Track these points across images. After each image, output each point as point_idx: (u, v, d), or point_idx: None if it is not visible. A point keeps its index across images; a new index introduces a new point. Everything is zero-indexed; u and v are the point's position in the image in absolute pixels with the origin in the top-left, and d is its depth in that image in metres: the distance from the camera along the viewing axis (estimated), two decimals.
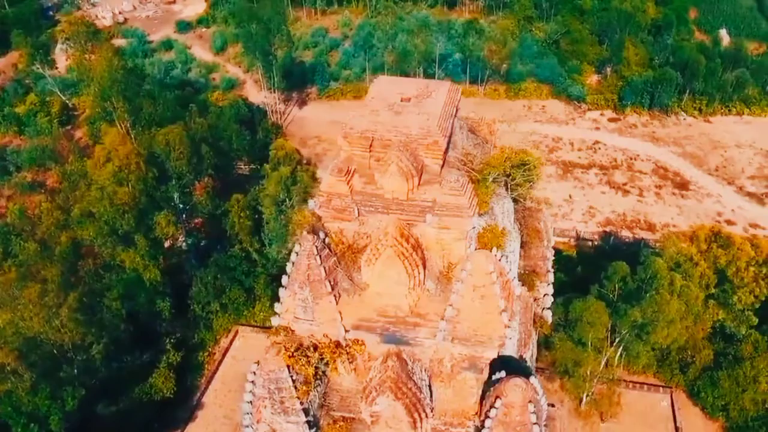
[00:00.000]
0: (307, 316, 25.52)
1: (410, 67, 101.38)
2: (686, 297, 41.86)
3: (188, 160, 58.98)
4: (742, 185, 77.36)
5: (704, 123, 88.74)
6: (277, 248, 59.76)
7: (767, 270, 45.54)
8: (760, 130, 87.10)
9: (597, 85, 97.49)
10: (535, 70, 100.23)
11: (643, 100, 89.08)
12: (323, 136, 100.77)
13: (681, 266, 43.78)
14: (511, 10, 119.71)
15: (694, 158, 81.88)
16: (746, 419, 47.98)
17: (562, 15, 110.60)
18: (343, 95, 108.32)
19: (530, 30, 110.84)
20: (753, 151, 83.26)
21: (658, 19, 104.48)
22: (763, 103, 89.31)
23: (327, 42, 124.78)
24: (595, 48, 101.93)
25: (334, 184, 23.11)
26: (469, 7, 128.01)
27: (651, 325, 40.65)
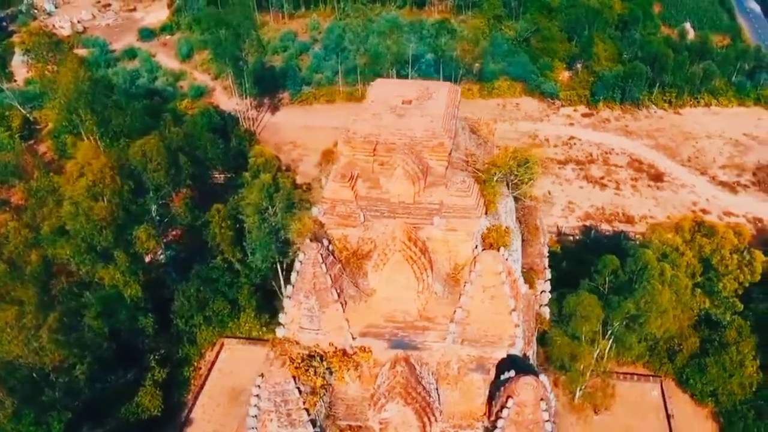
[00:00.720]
0: (314, 326, 25.27)
1: (383, 68, 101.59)
2: (676, 286, 42.97)
3: (166, 171, 57.82)
4: (715, 175, 79.74)
5: (674, 115, 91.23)
6: (262, 257, 58.99)
7: (750, 257, 47.17)
8: (728, 120, 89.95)
9: (569, 81, 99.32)
10: (507, 68, 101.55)
11: (615, 95, 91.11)
12: (298, 141, 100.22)
13: (668, 256, 44.90)
14: (480, 9, 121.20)
15: (667, 150, 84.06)
16: (735, 403, 49.36)
17: (530, 13, 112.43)
18: (316, 99, 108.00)
19: (500, 29, 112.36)
20: (723, 141, 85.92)
21: (624, 15, 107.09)
22: (730, 93, 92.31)
23: (296, 46, 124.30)
24: (565, 45, 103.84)
25: (338, 190, 22.95)
26: (438, 8, 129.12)
27: (644, 316, 41.56)
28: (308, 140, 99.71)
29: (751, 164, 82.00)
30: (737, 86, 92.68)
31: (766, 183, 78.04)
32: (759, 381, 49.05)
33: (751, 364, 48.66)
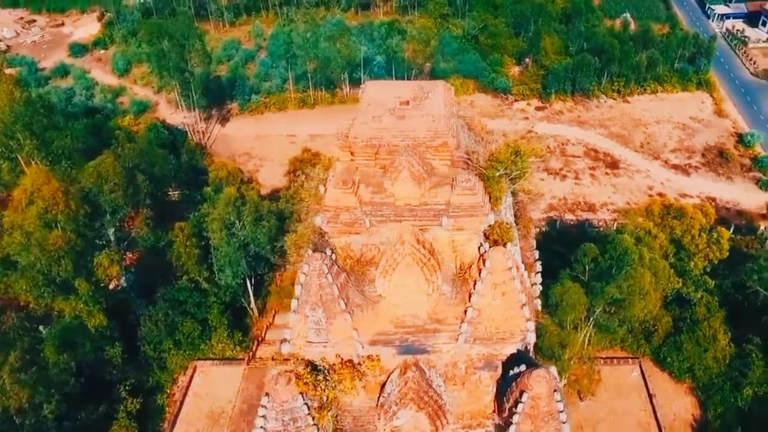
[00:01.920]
0: (321, 339, 24.84)
1: (334, 73, 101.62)
2: (654, 269, 44.74)
3: (124, 191, 55.71)
4: (667, 159, 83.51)
5: (624, 103, 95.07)
6: (232, 273, 57.73)
7: (717, 235, 49.65)
8: (673, 105, 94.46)
9: (519, 76, 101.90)
10: (458, 66, 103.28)
11: (566, 87, 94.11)
12: (252, 152, 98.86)
13: (642, 240, 46.71)
14: (426, 9, 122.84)
15: (620, 138, 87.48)
16: (711, 377, 51.74)
17: (476, 11, 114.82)
18: (267, 108, 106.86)
19: (447, 27, 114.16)
20: (671, 125, 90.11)
21: (567, 9, 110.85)
22: (674, 80, 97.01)
23: (242, 54, 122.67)
24: (513, 41, 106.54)
25: (341, 197, 22.68)
26: (383, 9, 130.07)
27: (628, 300, 43.06)
28: (263, 150, 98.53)
29: (700, 146, 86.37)
30: (680, 72, 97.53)
31: (714, 163, 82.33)
32: (732, 353, 51.55)
33: (723, 338, 51.11)
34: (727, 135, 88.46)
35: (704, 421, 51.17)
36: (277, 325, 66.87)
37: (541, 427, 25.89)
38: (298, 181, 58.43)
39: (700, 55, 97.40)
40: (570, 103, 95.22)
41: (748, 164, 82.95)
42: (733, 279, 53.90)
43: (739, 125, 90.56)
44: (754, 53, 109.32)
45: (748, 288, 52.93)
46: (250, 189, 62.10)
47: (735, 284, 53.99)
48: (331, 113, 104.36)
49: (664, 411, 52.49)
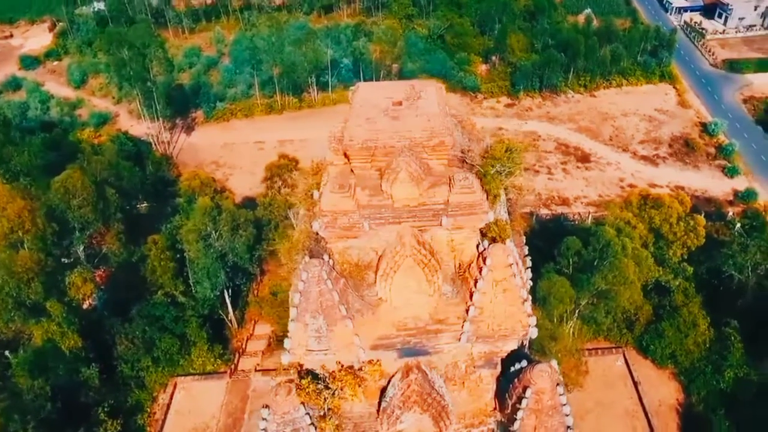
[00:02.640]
0: (322, 347, 24.57)
1: (300, 77, 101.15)
2: (637, 259, 45.83)
3: (94, 206, 54.21)
4: (635, 150, 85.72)
5: (591, 98, 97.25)
6: (211, 285, 56.81)
7: (694, 222, 51.13)
8: (638, 98, 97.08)
9: (487, 74, 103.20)
10: (425, 66, 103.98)
11: (534, 84, 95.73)
12: (221, 160, 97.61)
13: (622, 231, 47.80)
14: (390, 10, 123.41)
15: (589, 131, 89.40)
16: (693, 361, 53.26)
17: (441, 10, 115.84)
18: (233, 115, 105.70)
19: (413, 28, 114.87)
20: (638, 118, 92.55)
21: (530, 6, 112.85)
22: (638, 73, 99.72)
23: (203, 61, 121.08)
24: (479, 39, 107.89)
25: (339, 201, 22.51)
26: (347, 11, 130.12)
27: (614, 290, 43.96)
28: (231, 158, 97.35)
29: (666, 137, 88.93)
30: (643, 66, 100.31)
31: (681, 153, 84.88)
32: (711, 337, 53.15)
33: (702, 323, 52.67)
34: (691, 125, 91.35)
35: (688, 404, 52.63)
36: (257, 336, 66.16)
37: (545, 422, 26.20)
38: (275, 188, 57.83)
39: (662, 48, 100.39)
40: (538, 99, 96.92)
41: (713, 152, 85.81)
42: (709, 265, 55.59)
43: (702, 115, 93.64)
44: (712, 45, 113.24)
45: (723, 273, 54.66)
46: (224, 198, 61.15)
47: (710, 270, 55.71)
48: (300, 118, 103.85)
49: (650, 398, 53.77)
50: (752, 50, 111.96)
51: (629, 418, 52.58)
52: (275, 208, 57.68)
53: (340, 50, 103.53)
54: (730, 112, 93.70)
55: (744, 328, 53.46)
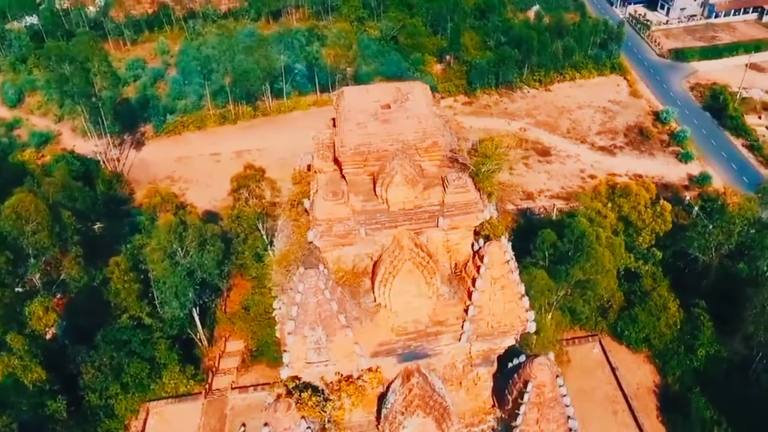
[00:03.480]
0: (322, 358, 24.33)
1: (254, 85, 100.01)
2: (611, 247, 47.29)
3: (49, 231, 52.08)
4: (593, 141, 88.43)
5: (546, 92, 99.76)
6: (180, 304, 55.47)
7: (660, 208, 53.15)
8: (591, 90, 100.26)
9: (442, 73, 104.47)
10: (380, 68, 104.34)
11: (490, 81, 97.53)
12: (175, 175, 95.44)
13: (594, 221, 49.23)
14: (340, 13, 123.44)
15: (547, 125, 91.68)
16: (666, 344, 55.31)
17: (392, 12, 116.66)
18: (185, 127, 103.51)
19: (364, 30, 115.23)
20: (592, 110, 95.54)
21: (480, 4, 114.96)
22: (590, 66, 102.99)
23: (149, 73, 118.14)
24: (432, 39, 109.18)
25: (333, 209, 22.40)
26: (296, 16, 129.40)
27: (592, 279, 45.18)
28: (186, 172, 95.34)
29: (621, 127, 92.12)
30: (594, 58, 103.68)
31: (637, 141, 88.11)
32: (682, 319, 55.31)
33: (672, 305, 54.81)
34: (644, 114, 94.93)
35: (665, 385, 54.63)
36: (230, 353, 65.02)
37: (547, 414, 26.72)
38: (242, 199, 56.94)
39: (611, 41, 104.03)
40: (495, 96, 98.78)
41: (666, 140, 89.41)
42: (674, 248, 57.86)
43: (653, 104, 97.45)
44: (657, 35, 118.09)
45: (689, 255, 57.00)
46: (188, 213, 59.78)
47: (676, 253, 58.00)
48: (255, 127, 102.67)
49: (627, 381, 55.52)
50: (695, 39, 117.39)
51: (610, 403, 54.14)
52: (243, 221, 56.78)
53: (294, 56, 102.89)
54: (678, 100, 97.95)
55: (711, 307, 55.90)
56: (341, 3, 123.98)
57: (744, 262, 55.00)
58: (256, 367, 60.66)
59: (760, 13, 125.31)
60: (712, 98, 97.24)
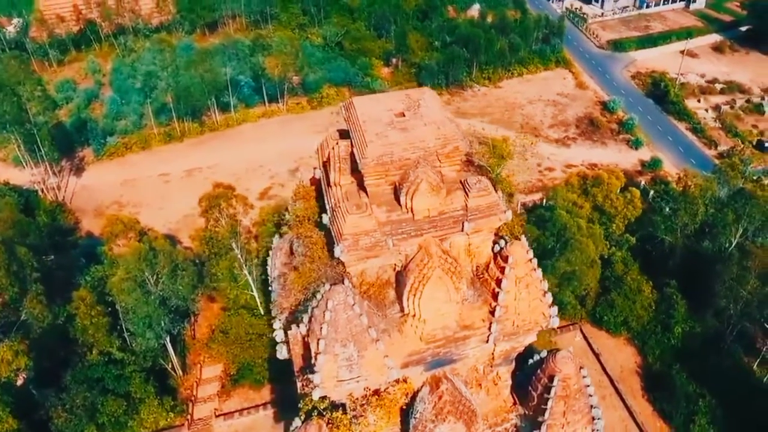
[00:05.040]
0: (353, 375, 24.35)
1: (199, 101, 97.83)
2: (592, 237, 49.10)
3: (6, 270, 49.33)
4: (547, 135, 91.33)
5: (496, 89, 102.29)
6: (155, 335, 53.64)
7: (630, 195, 55.56)
8: (540, 84, 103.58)
9: (391, 76, 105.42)
10: (328, 75, 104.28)
11: (440, 81, 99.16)
12: (123, 199, 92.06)
13: (571, 212, 50.98)
14: (280, 21, 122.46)
15: (501, 122, 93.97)
16: (643, 325, 57.88)
17: (333, 17, 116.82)
18: (129, 149, 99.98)
19: (307, 37, 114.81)
20: (543, 104, 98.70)
21: (421, 5, 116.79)
22: (536, 61, 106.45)
23: (82, 94, 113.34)
24: (377, 42, 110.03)
25: (359, 222, 22.50)
26: (233, 26, 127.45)
27: (579, 270, 46.69)
28: (134, 195, 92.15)
29: (572, 118, 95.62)
30: (539, 53, 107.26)
31: (588, 132, 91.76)
32: (655, 299, 58.00)
33: (646, 288, 57.46)
34: (592, 104, 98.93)
35: (646, 365, 57.10)
36: (207, 380, 63.35)
37: (573, 405, 27.66)
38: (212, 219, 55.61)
39: (553, 35, 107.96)
40: (447, 96, 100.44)
41: (616, 128, 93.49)
42: (642, 233, 60.65)
43: (599, 94, 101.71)
44: (594, 27, 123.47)
45: (655, 238, 59.87)
46: (154, 239, 57.89)
47: (643, 237, 60.78)
48: (203, 143, 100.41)
49: (611, 365, 57.63)
50: (630, 30, 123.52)
51: (597, 388, 55.40)
52: (217, 242, 55.39)
53: (239, 67, 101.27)
54: (622, 89, 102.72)
55: (679, 285, 58.86)
56: (280, 11, 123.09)
57: (708, 240, 58.28)
58: (238, 392, 59.30)
59: (687, 1, 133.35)
60: (653, 85, 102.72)
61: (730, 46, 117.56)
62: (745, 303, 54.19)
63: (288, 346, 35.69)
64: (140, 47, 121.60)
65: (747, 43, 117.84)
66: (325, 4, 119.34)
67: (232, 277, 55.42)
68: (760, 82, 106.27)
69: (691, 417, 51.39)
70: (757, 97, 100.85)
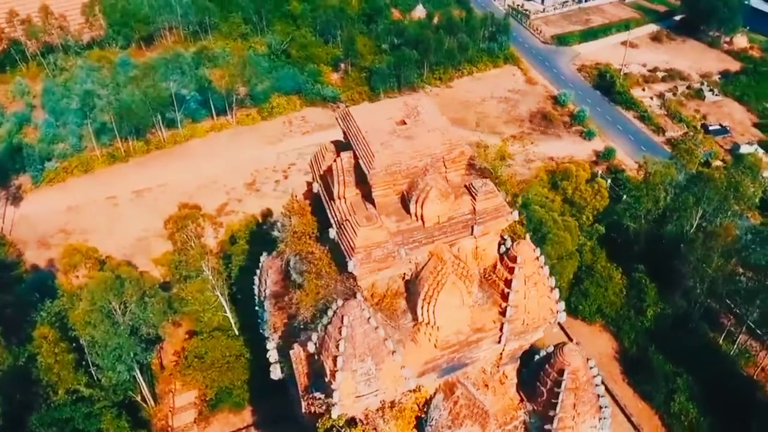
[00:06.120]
0: (372, 389, 24.46)
1: (144, 118, 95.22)
2: (568, 229, 50.68)
3: None
4: (503, 131, 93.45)
5: (448, 89, 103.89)
6: (127, 367, 51.95)
7: (597, 185, 57.63)
8: (490, 82, 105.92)
9: (341, 81, 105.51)
10: (276, 84, 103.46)
11: (392, 84, 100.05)
12: (68, 227, 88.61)
13: (545, 206, 52.45)
14: (220, 31, 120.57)
15: (457, 121, 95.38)
16: (617, 311, 60.15)
17: (276, 25, 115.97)
18: (70, 173, 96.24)
19: (250, 47, 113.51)
20: (495, 101, 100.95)
21: (365, 8, 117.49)
22: (485, 59, 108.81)
23: (11, 119, 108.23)
24: (324, 48, 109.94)
25: (370, 234, 22.68)
26: (170, 39, 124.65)
27: (559, 264, 48.05)
28: (81, 222, 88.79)
29: (525, 114, 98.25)
30: (487, 51, 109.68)
31: (542, 126, 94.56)
32: (626, 285, 60.40)
33: (616, 274, 59.79)
34: (543, 99, 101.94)
35: (623, 350, 59.34)
36: (181, 408, 61.75)
37: (582, 396, 28.63)
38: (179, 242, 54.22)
39: (499, 33, 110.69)
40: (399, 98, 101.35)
41: (568, 121, 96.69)
42: (607, 221, 63.06)
43: (549, 89, 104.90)
44: (537, 23, 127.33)
45: (621, 226, 62.37)
46: (117, 266, 56.03)
47: (608, 225, 63.18)
48: (150, 162, 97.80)
49: (589, 352, 59.06)
50: (571, 24, 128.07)
51: None
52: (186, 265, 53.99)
53: (183, 81, 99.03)
54: (570, 82, 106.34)
55: (647, 270, 61.51)
56: (220, 21, 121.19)
57: (670, 224, 61.17)
58: (218, 417, 58.02)
59: None
60: (599, 77, 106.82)
61: (667, 35, 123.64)
62: (711, 281, 57.24)
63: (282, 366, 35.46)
64: (72, 65, 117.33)
65: (682, 31, 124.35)
66: (267, 12, 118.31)
67: (205, 299, 54.24)
68: (697, 68, 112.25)
69: (670, 395, 53.91)
70: (696, 83, 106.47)
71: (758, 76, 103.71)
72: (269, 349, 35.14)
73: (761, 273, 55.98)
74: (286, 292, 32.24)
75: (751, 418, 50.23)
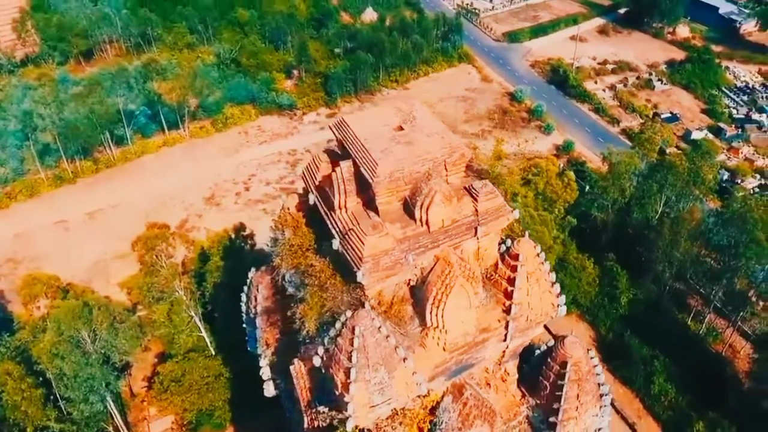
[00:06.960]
0: (385, 397, 24.70)
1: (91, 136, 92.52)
2: (545, 224, 52.07)
3: None
4: (464, 130, 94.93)
5: (405, 91, 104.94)
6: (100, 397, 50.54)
7: (567, 179, 59.47)
8: (447, 82, 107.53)
9: (296, 88, 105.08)
10: (228, 94, 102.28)
11: (348, 88, 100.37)
12: (18, 255, 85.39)
13: (519, 202, 53.76)
14: (164, 42, 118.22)
15: None
16: (591, 300, 62.18)
17: (224, 33, 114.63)
18: (13, 199, 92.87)
19: (197, 57, 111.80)
20: (454, 100, 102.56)
21: (314, 13, 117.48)
22: (439, 59, 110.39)
23: None
24: (276, 55, 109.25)
25: (377, 242, 22.94)
26: (111, 52, 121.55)
27: None
28: (30, 249, 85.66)
29: (483, 111, 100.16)
30: (442, 51, 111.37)
31: (502, 122, 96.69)
32: (598, 274, 62.46)
33: (588, 264, 61.78)
34: (500, 96, 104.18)
35: (601, 337, 61.39)
36: None
37: (585, 387, 29.60)
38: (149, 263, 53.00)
39: (452, 32, 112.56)
40: (357, 102, 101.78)
41: (526, 116, 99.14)
42: (576, 212, 65.13)
43: (505, 85, 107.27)
44: (488, 21, 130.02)
45: (589, 216, 64.53)
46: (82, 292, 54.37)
47: (577, 216, 65.25)
48: (101, 182, 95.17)
49: None
50: (520, 21, 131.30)
51: None
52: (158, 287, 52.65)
53: (131, 96, 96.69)
54: (525, 78, 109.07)
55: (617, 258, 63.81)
56: (163, 32, 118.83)
57: (636, 212, 63.68)
58: None
59: None
60: (552, 72, 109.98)
61: (613, 28, 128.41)
62: (678, 265, 59.88)
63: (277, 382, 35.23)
64: (6, 84, 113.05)
65: (627, 24, 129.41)
66: (213, 21, 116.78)
67: (180, 320, 53.16)
68: (644, 59, 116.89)
69: (649, 378, 56.17)
70: (645, 74, 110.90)
71: (702, 64, 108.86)
72: (262, 366, 34.88)
73: (724, 253, 59.00)
74: (279, 308, 32.17)
75: (729, 390, 52.93)
